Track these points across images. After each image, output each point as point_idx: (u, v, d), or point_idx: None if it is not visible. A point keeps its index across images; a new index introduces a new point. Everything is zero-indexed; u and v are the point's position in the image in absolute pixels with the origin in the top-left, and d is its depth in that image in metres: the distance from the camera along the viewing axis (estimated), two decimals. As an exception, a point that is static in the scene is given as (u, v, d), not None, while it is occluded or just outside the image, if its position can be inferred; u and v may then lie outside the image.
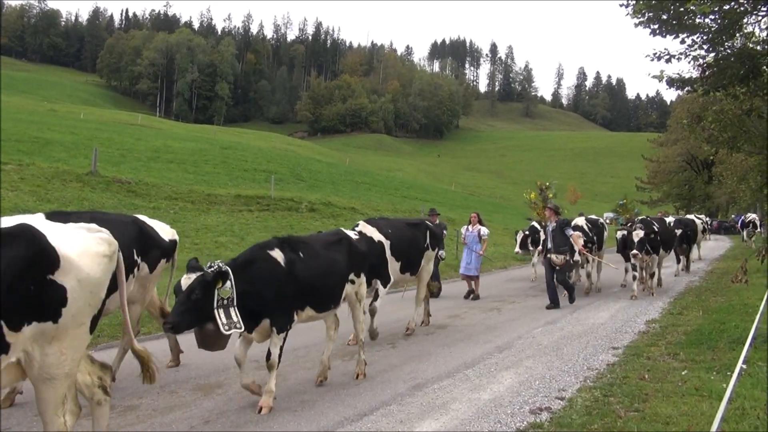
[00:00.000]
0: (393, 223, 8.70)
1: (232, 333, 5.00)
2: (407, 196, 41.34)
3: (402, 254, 8.26)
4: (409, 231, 8.64)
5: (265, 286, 5.23)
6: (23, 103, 61.92)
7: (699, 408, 5.30)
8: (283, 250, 5.46)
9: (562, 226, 11.30)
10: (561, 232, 11.22)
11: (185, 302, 4.87)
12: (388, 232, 8.08)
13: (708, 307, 10.95)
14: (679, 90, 13.50)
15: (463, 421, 5.22)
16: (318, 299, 5.80)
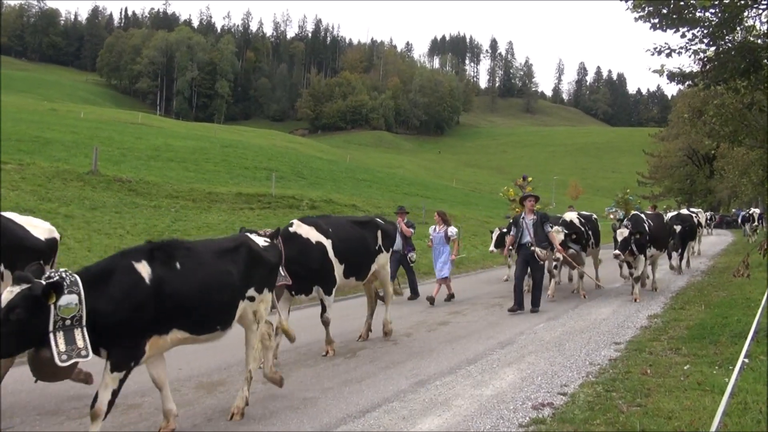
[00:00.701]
0: (336, 221, 7.86)
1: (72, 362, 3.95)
2: (408, 193, 41.34)
3: (346, 256, 7.32)
4: (355, 230, 7.72)
5: (116, 306, 4.12)
6: (23, 103, 61.95)
7: (701, 402, 5.29)
8: (152, 262, 4.41)
9: (543, 220, 10.36)
10: (541, 226, 10.25)
11: (3, 323, 3.72)
12: (329, 231, 7.23)
13: (710, 302, 10.93)
14: (680, 84, 13.46)
15: (466, 417, 5.22)
16: (195, 320, 4.64)
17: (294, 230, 6.96)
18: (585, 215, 13.45)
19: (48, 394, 5.61)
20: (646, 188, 60.43)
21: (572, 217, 12.46)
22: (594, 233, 13.07)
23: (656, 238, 12.09)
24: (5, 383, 5.76)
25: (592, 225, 13.17)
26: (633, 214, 12.76)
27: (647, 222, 11.93)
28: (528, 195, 11.03)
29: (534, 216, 10.33)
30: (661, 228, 12.77)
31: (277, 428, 4.92)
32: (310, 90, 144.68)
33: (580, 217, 12.81)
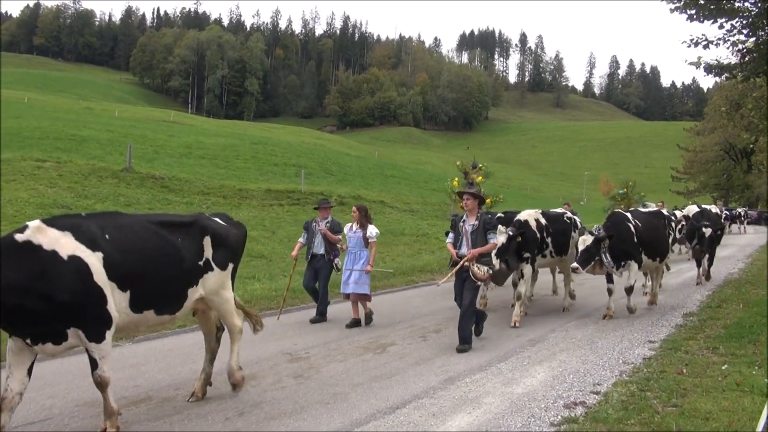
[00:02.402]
0: (119, 222, 4.90)
1: None
2: (436, 189, 41.13)
3: (133, 277, 4.65)
4: (156, 237, 4.96)
5: None
6: (60, 102, 63.55)
7: (740, 404, 5.15)
8: None
9: (486, 225, 7.50)
10: (483, 234, 7.44)
11: None
12: (98, 239, 4.52)
13: (749, 300, 10.64)
14: (717, 77, 13.05)
15: (496, 415, 5.18)
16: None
17: (27, 239, 4.19)
18: (553, 214, 10.30)
19: (85, 386, 5.75)
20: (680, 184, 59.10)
21: (529, 217, 9.51)
22: (560, 238, 9.89)
23: (648, 243, 9.68)
24: (44, 374, 5.93)
25: (560, 227, 9.98)
26: (614, 213, 10.48)
27: (633, 224, 9.56)
28: (466, 191, 7.95)
29: (475, 221, 7.53)
30: (653, 231, 10.06)
31: (307, 423, 4.95)
32: (338, 87, 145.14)
33: (545, 217, 9.81)
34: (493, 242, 7.50)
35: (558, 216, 10.37)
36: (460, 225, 7.70)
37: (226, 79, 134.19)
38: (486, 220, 7.54)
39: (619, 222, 9.58)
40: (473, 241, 7.44)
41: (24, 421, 4.88)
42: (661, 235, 10.43)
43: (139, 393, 5.63)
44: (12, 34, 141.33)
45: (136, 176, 20.53)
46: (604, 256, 9.03)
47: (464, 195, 7.73)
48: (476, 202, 7.66)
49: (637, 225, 9.67)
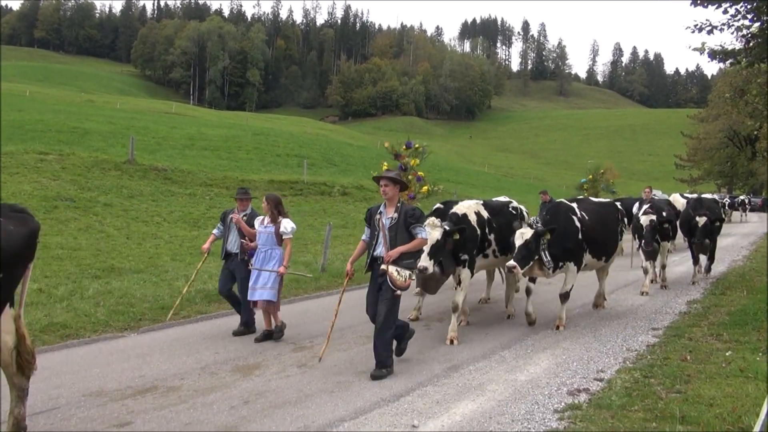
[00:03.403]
0: None
1: None
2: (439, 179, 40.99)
3: None
4: None
5: None
6: (62, 95, 63.51)
7: (744, 390, 5.16)
8: None
9: (409, 218, 6.01)
10: (406, 230, 6.00)
11: None
12: None
13: (753, 287, 10.63)
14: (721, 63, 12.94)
15: (500, 402, 5.20)
16: None
17: None
18: (496, 205, 8.56)
19: (91, 376, 5.79)
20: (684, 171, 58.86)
21: (468, 209, 7.87)
22: (506, 233, 8.08)
23: (594, 240, 8.24)
24: (50, 364, 5.97)
25: (505, 221, 8.27)
26: (555, 203, 9.03)
27: (578, 216, 8.13)
28: (382, 175, 6.26)
29: (395, 213, 6.07)
30: (602, 225, 8.59)
31: (311, 411, 4.97)
32: (340, 77, 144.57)
33: (487, 209, 8.20)
34: (420, 238, 6.00)
35: (502, 207, 8.61)
36: (376, 218, 6.13)
37: (227, 70, 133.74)
38: (409, 212, 6.05)
39: (562, 214, 8.00)
40: (392, 238, 5.97)
41: (30, 411, 4.91)
42: (610, 231, 8.80)
43: (144, 383, 5.66)
44: (13, 27, 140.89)
45: (139, 168, 20.54)
46: (544, 254, 7.54)
47: (381, 180, 6.16)
48: (396, 188, 6.14)
49: (584, 218, 8.13)
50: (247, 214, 7.75)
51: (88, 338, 7.16)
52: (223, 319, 8.21)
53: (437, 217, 7.29)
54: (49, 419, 4.77)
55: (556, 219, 7.88)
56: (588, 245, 8.15)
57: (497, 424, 4.71)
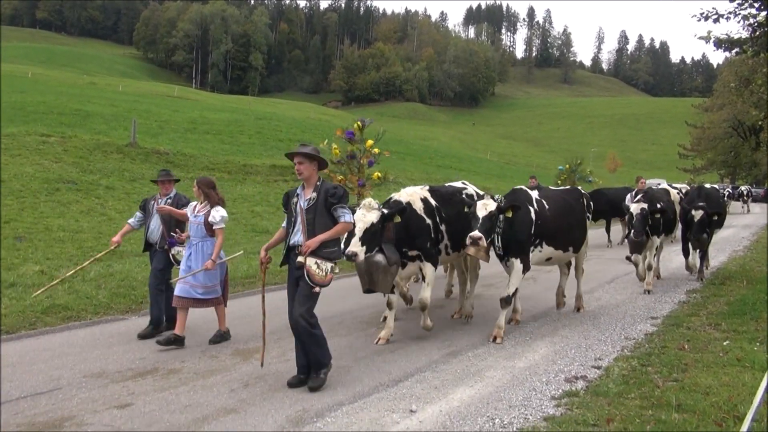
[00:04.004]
0: None
1: None
2: (442, 165, 41.10)
3: None
4: None
5: None
6: (64, 77, 63.30)
7: (741, 379, 5.19)
8: None
9: (330, 198, 5.16)
10: (327, 213, 5.18)
11: None
12: None
13: (752, 277, 10.64)
14: (727, 52, 12.84)
15: (498, 388, 5.24)
16: None
17: None
18: (446, 192, 7.33)
19: (93, 358, 5.84)
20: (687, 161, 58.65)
21: (413, 197, 6.72)
22: (458, 224, 6.88)
23: (554, 231, 7.33)
24: (52, 345, 6.02)
25: (454, 211, 7.01)
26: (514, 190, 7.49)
27: (535, 208, 7.14)
28: (296, 151, 5.28)
29: (313, 193, 5.22)
30: (564, 215, 7.64)
31: (311, 395, 5.01)
32: (343, 62, 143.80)
33: (435, 196, 7.03)
34: (344, 222, 5.15)
35: (453, 194, 7.32)
36: (293, 202, 5.29)
37: (230, 53, 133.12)
38: (330, 190, 5.19)
39: (519, 201, 6.96)
40: (310, 222, 5.12)
41: (32, 391, 4.96)
42: (576, 219, 7.89)
43: (145, 365, 5.71)
44: (15, 7, 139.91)
45: (141, 151, 20.53)
46: (497, 237, 6.72)
47: (294, 157, 5.24)
48: (314, 166, 5.24)
49: (542, 209, 7.22)
50: (171, 198, 6.89)
51: (89, 320, 7.22)
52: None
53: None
54: (50, 400, 4.82)
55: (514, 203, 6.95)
56: (547, 236, 7.23)
57: (494, 409, 4.75)
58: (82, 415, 4.55)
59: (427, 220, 6.72)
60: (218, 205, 6.48)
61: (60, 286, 8.07)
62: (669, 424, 4.26)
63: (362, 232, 5.81)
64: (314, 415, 4.61)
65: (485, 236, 6.34)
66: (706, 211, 10.08)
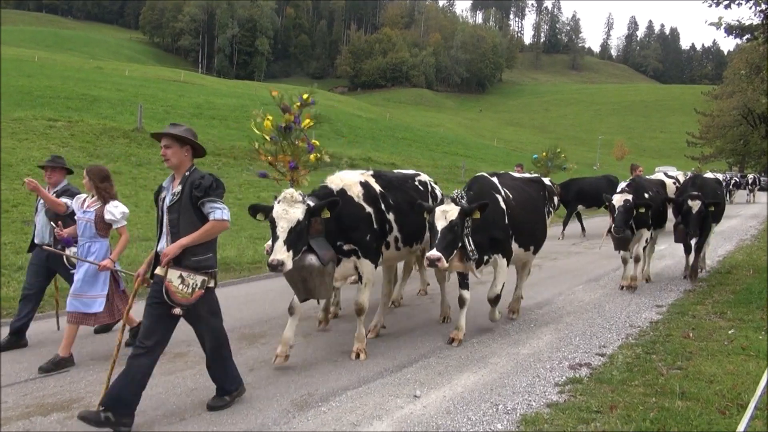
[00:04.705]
0: None
1: None
2: (448, 152, 40.98)
3: None
4: None
5: None
6: (70, 61, 63.25)
7: (745, 367, 5.20)
8: None
9: (196, 190, 4.19)
10: (192, 208, 4.22)
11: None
12: None
13: (759, 266, 10.59)
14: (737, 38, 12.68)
15: (502, 375, 5.26)
16: None
17: None
18: (394, 178, 6.39)
19: (100, 341, 5.90)
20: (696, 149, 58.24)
21: (350, 183, 5.73)
22: (405, 215, 6.07)
23: (521, 225, 6.52)
24: (61, 329, 6.07)
25: (404, 198, 6.17)
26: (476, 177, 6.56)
27: (503, 195, 6.37)
28: (163, 132, 4.33)
29: (179, 186, 4.25)
30: (529, 208, 6.82)
31: (315, 380, 5.06)
32: (349, 47, 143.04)
33: (379, 180, 6.06)
34: (214, 220, 4.16)
35: (403, 180, 6.46)
36: (161, 198, 4.37)
37: (236, 38, 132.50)
38: (195, 181, 4.17)
39: (485, 192, 6.17)
40: (173, 224, 4.19)
41: (41, 373, 5.02)
42: (539, 214, 7.04)
43: (152, 348, 5.75)
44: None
45: (147, 136, 20.51)
46: (468, 241, 5.75)
47: (161, 138, 4.27)
48: (185, 152, 4.28)
49: (508, 198, 6.41)
50: (57, 191, 5.79)
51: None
52: (229, 288, 8.30)
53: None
54: (58, 382, 4.88)
55: (481, 196, 6.02)
56: (515, 233, 6.39)
57: (498, 395, 4.77)
58: (90, 397, 4.61)
59: (367, 208, 5.64)
60: (112, 200, 5.45)
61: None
62: (672, 412, 4.27)
63: (287, 233, 4.81)
64: (319, 399, 4.65)
65: (446, 253, 5.39)
66: (703, 202, 8.96)
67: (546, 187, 7.53)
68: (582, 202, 15.47)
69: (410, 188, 6.41)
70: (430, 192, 6.79)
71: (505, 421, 4.28)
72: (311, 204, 5.08)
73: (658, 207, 9.23)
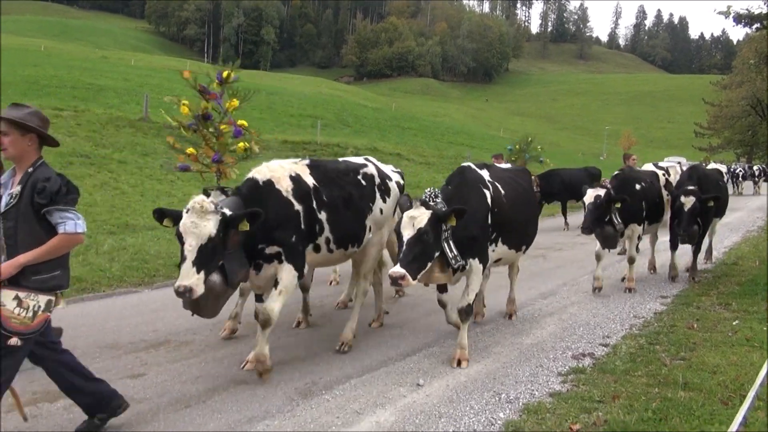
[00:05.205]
0: None
1: None
2: (453, 142, 40.85)
3: None
4: None
5: None
6: (77, 50, 63.31)
7: (749, 358, 5.20)
8: None
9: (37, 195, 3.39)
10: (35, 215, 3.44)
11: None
12: None
13: (765, 258, 10.54)
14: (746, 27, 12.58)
15: (505, 364, 5.28)
16: None
17: None
18: (333, 168, 5.54)
19: (106, 329, 5.95)
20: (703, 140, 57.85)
21: (278, 175, 4.93)
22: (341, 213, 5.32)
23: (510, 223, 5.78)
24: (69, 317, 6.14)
25: (342, 194, 5.34)
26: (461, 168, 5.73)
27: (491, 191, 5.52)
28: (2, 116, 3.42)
29: (19, 186, 3.45)
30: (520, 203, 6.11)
31: (320, 368, 5.09)
32: (355, 36, 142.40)
33: (315, 172, 5.24)
34: (63, 233, 3.46)
35: (343, 172, 5.56)
36: None
37: (241, 27, 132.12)
38: (38, 184, 3.42)
39: (470, 185, 5.42)
40: (9, 234, 3.42)
41: (48, 360, 5.08)
42: (531, 209, 6.44)
43: (158, 337, 5.81)
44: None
45: (153, 126, 20.55)
46: (447, 247, 4.92)
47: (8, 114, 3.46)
48: (27, 141, 3.49)
49: (497, 193, 5.60)
50: None
51: (103, 293, 7.34)
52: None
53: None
54: (65, 369, 4.93)
55: (462, 192, 5.30)
56: (503, 230, 5.64)
57: (501, 384, 4.79)
58: (97, 384, 4.64)
59: (297, 205, 4.85)
60: None
61: (74, 258, 8.19)
62: (674, 402, 4.28)
63: (195, 252, 4.09)
64: (323, 387, 4.68)
65: (412, 268, 4.54)
66: (698, 198, 8.11)
67: (532, 178, 6.99)
68: (562, 195, 15.21)
69: (350, 183, 5.49)
70: (379, 187, 5.80)
71: (507, 410, 4.31)
72: (227, 213, 4.24)
73: (654, 199, 8.46)
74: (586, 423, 4.04)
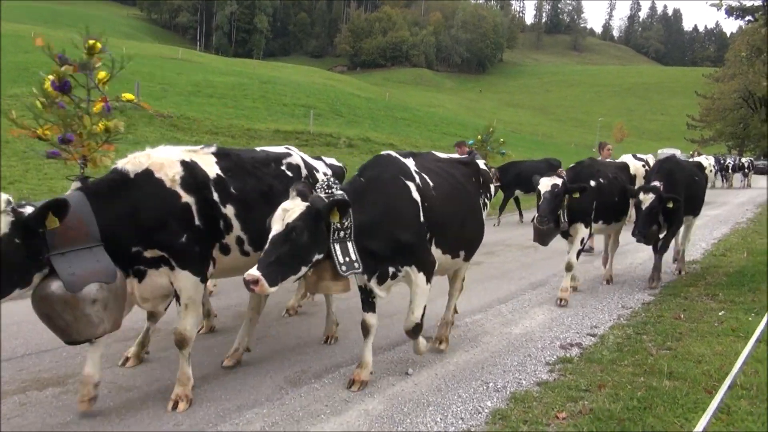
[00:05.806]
0: None
1: None
2: (447, 133, 40.80)
3: None
4: None
5: None
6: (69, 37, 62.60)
7: (734, 348, 5.26)
8: None
9: None
10: None
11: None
12: None
13: (753, 249, 10.66)
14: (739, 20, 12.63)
15: (493, 354, 5.33)
16: None
17: None
18: (249, 156, 4.73)
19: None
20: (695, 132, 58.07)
21: (162, 163, 4.07)
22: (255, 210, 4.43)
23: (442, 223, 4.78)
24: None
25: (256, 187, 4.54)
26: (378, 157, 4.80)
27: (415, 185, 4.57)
28: None
29: None
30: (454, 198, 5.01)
31: (309, 357, 5.12)
32: (349, 25, 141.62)
33: (222, 161, 4.43)
34: None
35: (261, 162, 4.78)
36: None
37: (234, 15, 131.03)
38: None
39: (391, 179, 4.53)
40: None
41: (37, 348, 5.08)
42: (473, 206, 5.29)
43: (147, 325, 5.80)
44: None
45: (144, 114, 20.42)
46: (338, 250, 4.13)
47: None
48: None
49: (427, 186, 4.68)
50: None
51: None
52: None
53: None
54: (54, 357, 4.94)
55: (377, 186, 4.44)
56: (434, 231, 4.68)
57: (489, 374, 4.84)
58: (86, 372, 4.65)
59: (185, 197, 4.04)
60: None
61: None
62: (659, 391, 4.34)
63: None
64: (312, 376, 4.71)
65: (271, 272, 3.70)
66: (658, 195, 7.28)
67: (480, 171, 5.62)
68: (520, 187, 14.61)
69: (270, 174, 4.71)
70: (306, 179, 4.93)
71: (495, 399, 4.35)
72: (24, 213, 3.33)
73: (612, 197, 7.52)
74: (572, 411, 4.09)
